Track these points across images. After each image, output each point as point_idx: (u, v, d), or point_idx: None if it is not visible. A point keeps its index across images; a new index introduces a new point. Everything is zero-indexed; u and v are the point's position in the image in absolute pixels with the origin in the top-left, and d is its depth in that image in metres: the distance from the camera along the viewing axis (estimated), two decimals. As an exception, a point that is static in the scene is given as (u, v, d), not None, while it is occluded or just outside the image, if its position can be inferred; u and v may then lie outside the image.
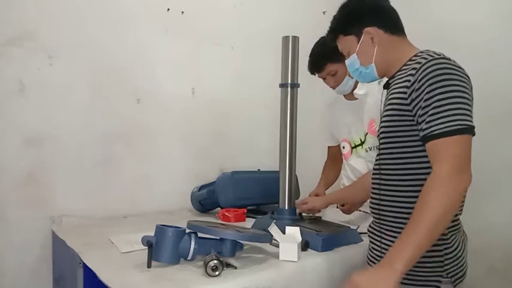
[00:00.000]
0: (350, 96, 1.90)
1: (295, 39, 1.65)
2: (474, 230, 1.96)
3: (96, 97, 1.91)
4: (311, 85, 1.83)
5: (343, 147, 1.95)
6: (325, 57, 1.77)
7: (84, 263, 1.32)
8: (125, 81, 1.99)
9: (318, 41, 1.82)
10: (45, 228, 1.77)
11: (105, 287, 1.13)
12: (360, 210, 1.83)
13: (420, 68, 1.05)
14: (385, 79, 1.27)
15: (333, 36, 1.31)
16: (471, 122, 1.01)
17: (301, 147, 1.74)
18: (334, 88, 1.85)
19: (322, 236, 1.45)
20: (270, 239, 1.41)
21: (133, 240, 1.41)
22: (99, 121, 1.92)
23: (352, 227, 1.60)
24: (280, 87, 1.69)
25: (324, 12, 2.62)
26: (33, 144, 1.77)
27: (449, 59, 1.05)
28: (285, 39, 1.66)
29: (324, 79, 1.85)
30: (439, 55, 1.07)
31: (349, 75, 1.78)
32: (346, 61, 1.30)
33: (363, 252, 1.49)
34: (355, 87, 1.84)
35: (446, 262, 1.08)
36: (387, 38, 1.21)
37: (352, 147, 1.91)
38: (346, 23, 1.26)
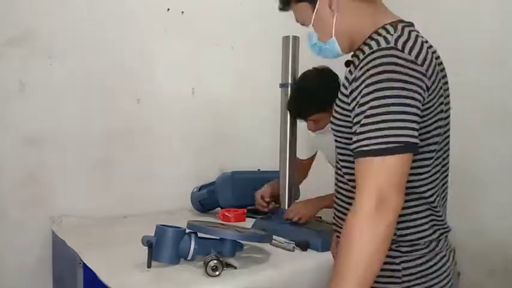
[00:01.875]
0: None
1: (296, 39, 1.65)
2: (474, 232, 1.96)
3: (96, 97, 1.91)
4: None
5: None
6: (310, 106, 1.57)
7: (84, 263, 1.32)
8: (125, 81, 1.98)
9: (301, 84, 1.63)
10: (45, 228, 1.77)
11: (105, 287, 1.13)
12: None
13: (363, 59, 0.87)
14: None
15: (284, 4, 1.05)
16: (404, 137, 0.81)
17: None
18: (312, 131, 1.67)
19: (322, 236, 1.45)
20: (270, 239, 1.41)
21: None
22: (99, 121, 1.92)
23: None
24: (280, 87, 1.69)
25: (324, 12, 2.62)
26: (33, 144, 1.77)
27: (400, 49, 0.84)
28: (285, 39, 1.66)
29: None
30: (389, 43, 0.85)
31: None
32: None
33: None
34: None
35: (404, 279, 0.92)
36: (350, 2, 0.96)
37: None
38: None
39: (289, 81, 1.66)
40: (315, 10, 0.98)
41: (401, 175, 0.83)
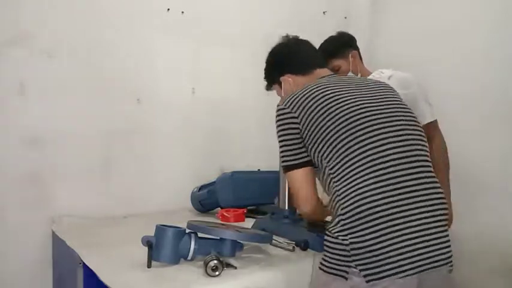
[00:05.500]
0: None
1: (295, 39, 1.64)
2: (472, 233, 1.96)
3: (96, 97, 1.91)
4: (311, 85, 1.83)
5: None
6: (328, 52, 1.80)
7: (84, 263, 1.32)
8: (125, 81, 1.99)
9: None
10: (45, 228, 1.77)
11: (105, 287, 1.13)
12: None
13: None
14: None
15: (267, 88, 1.61)
16: (287, 161, 1.23)
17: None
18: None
19: (322, 236, 1.45)
20: (270, 239, 1.41)
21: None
22: (99, 121, 1.92)
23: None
24: (280, 87, 1.68)
25: (324, 12, 2.62)
26: (34, 145, 1.77)
27: (282, 104, 1.26)
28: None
29: None
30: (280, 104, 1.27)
31: (353, 71, 1.84)
32: None
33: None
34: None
35: (353, 252, 1.04)
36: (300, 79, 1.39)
37: None
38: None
39: (289, 81, 1.65)
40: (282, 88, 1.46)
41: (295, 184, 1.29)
